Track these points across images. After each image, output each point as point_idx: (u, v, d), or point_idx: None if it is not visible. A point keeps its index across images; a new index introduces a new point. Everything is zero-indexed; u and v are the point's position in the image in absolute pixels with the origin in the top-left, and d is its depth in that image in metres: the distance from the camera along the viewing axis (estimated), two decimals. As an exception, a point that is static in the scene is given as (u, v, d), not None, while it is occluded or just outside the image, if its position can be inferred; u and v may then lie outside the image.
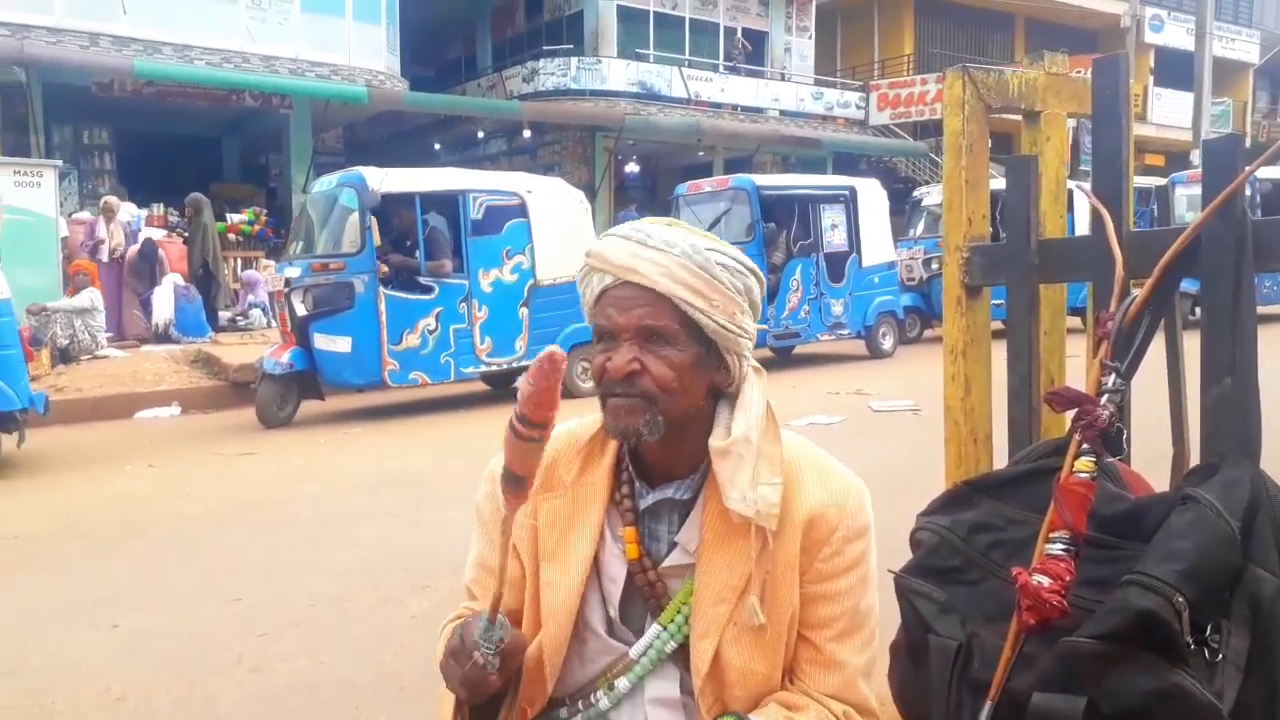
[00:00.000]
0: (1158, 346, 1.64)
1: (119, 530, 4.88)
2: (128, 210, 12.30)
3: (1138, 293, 1.57)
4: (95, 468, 6.45)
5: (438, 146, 21.61)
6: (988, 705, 1.40)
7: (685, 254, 1.26)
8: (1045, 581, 1.36)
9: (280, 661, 3.16)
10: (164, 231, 13.27)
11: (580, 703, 1.37)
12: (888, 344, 11.44)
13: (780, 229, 11.11)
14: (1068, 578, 1.37)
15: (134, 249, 11.68)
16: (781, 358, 11.35)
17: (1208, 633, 1.30)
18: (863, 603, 1.34)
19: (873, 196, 11.48)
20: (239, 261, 13.94)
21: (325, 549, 4.43)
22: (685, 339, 1.26)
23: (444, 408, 8.63)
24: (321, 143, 16.41)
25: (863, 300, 11.21)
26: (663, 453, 1.32)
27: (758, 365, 1.36)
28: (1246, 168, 1.50)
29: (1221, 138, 1.60)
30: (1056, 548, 1.40)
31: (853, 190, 11.31)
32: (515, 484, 1.19)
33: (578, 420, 1.45)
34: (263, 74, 14.99)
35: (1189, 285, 1.71)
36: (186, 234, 12.38)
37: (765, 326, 10.37)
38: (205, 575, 4.12)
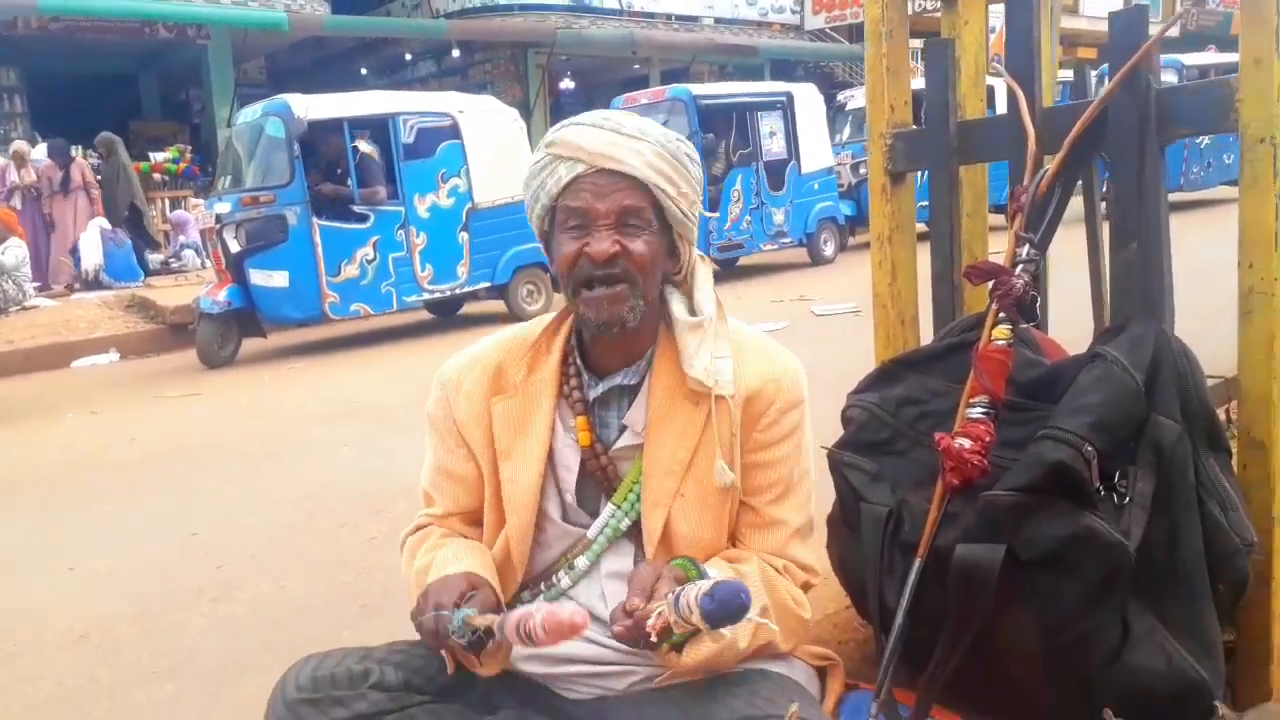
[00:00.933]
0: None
1: (66, 476, 4.84)
2: (41, 154, 11.83)
3: (1050, 167, 1.62)
4: (35, 418, 6.34)
5: (365, 72, 20.93)
6: (917, 563, 1.48)
7: (659, 142, 1.31)
8: (966, 444, 1.44)
9: (240, 591, 3.19)
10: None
11: (543, 584, 1.45)
12: (829, 250, 11.51)
13: (719, 139, 11.03)
14: (988, 439, 1.45)
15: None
16: (726, 270, 11.39)
17: (1116, 479, 1.38)
18: (797, 469, 1.42)
19: (809, 102, 11.43)
20: (166, 202, 13.53)
21: (278, 482, 4.44)
22: (656, 226, 1.32)
23: (389, 338, 8.57)
24: (244, 74, 15.83)
25: (803, 207, 11.23)
26: (612, 344, 1.38)
27: (700, 254, 1.42)
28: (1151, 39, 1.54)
29: (1129, 8, 1.64)
30: (976, 411, 1.47)
31: (789, 96, 11.24)
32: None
33: (520, 325, 1.50)
34: (176, 3, 14.35)
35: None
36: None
37: (709, 239, 10.38)
38: (158, 515, 4.11)
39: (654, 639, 1.16)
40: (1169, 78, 9.22)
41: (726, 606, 1.09)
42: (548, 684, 1.43)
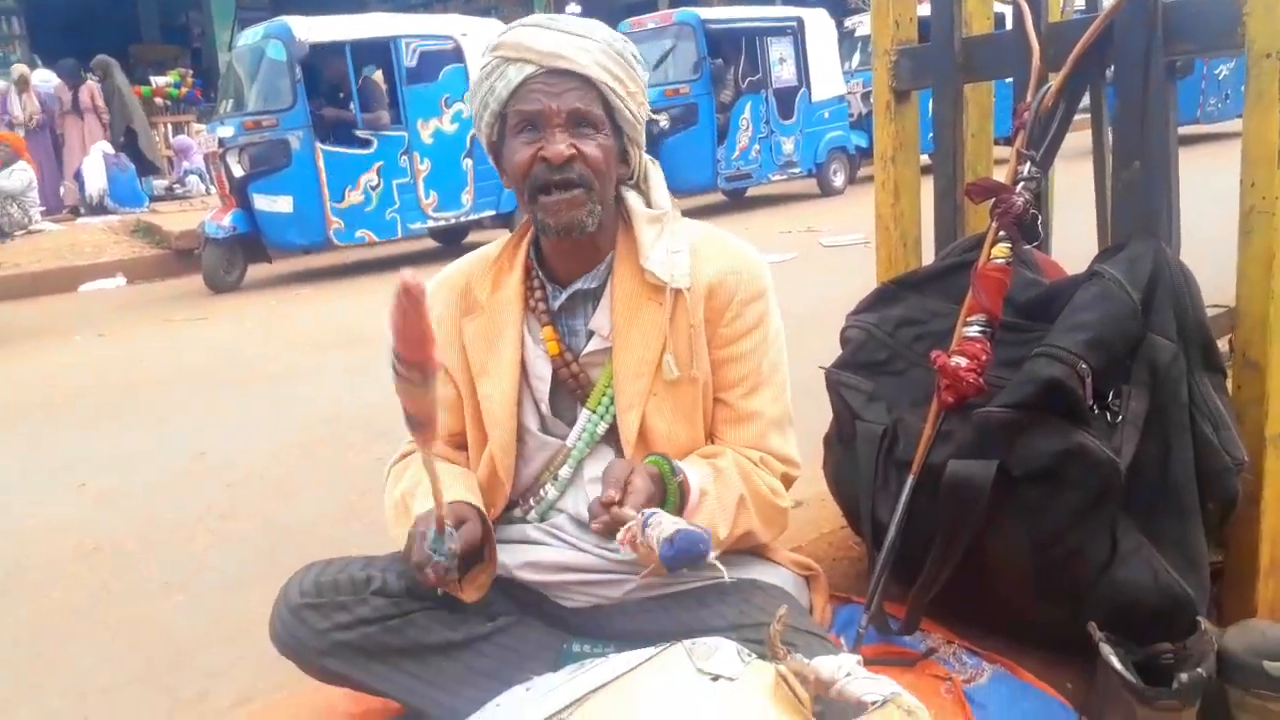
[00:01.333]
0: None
1: (75, 397, 4.88)
2: (41, 78, 11.70)
3: (1053, 83, 1.60)
4: (44, 340, 6.38)
5: (368, -5, 20.57)
6: (910, 479, 1.50)
7: (607, 41, 1.30)
8: (962, 362, 1.44)
9: (249, 507, 3.24)
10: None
11: (532, 499, 1.47)
12: (839, 181, 11.37)
13: (728, 65, 10.83)
14: (984, 357, 1.45)
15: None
16: (734, 200, 11.29)
17: (1110, 398, 1.39)
18: (766, 360, 1.42)
19: (820, 27, 11.18)
20: (169, 128, 13.42)
21: (284, 405, 4.47)
22: (608, 129, 1.32)
23: (393, 266, 8.43)
24: (244, -4, 15.57)
25: (813, 137, 11.07)
26: (571, 250, 1.39)
27: (650, 158, 1.43)
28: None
29: (1139, -77, 1.59)
30: (973, 330, 1.47)
31: (800, 21, 10.99)
32: (416, 426, 1.15)
33: (483, 247, 1.51)
34: (173, -78, 14.06)
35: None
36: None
37: (717, 168, 10.28)
38: (167, 435, 4.16)
39: (622, 549, 1.17)
40: None
41: (684, 554, 1.10)
42: (545, 592, 1.47)
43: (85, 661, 2.32)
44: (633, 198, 1.40)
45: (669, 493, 1.30)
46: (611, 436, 1.42)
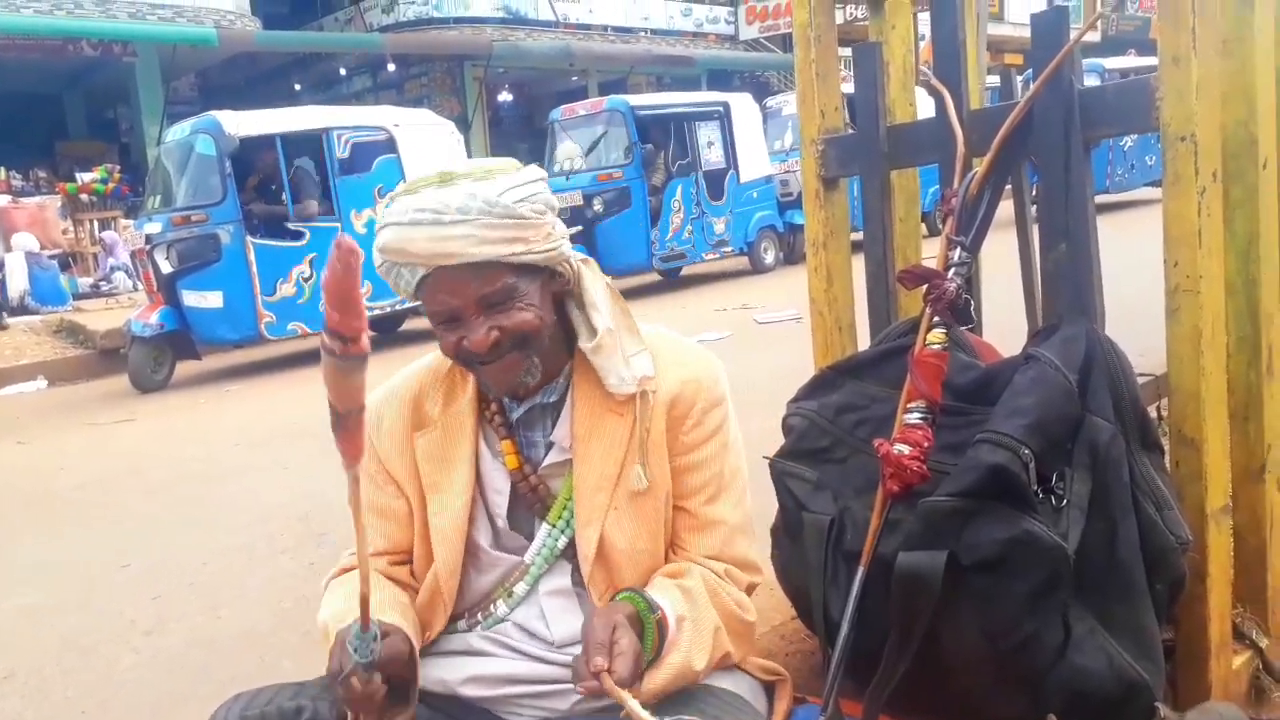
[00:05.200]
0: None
1: (-9, 510, 4.66)
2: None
3: (979, 169, 1.63)
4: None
5: (299, 88, 20.66)
6: (860, 571, 1.47)
7: (485, 211, 1.21)
8: (905, 450, 1.43)
9: (176, 622, 3.09)
10: (7, 197, 12.44)
11: (480, 614, 1.41)
12: (769, 258, 11.60)
13: (658, 150, 11.06)
14: (926, 444, 1.44)
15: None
16: (669, 280, 11.41)
17: (1053, 481, 1.38)
18: (728, 466, 1.39)
19: (746, 111, 11.52)
20: (95, 224, 13.17)
21: (216, 508, 4.32)
22: (524, 281, 1.26)
23: (329, 357, 8.40)
24: (174, 92, 15.53)
25: (743, 216, 11.31)
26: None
27: (583, 256, 1.37)
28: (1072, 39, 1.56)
29: (1049, 9, 1.65)
30: (914, 417, 1.46)
31: (726, 106, 11.31)
32: (341, 423, 1.05)
33: (429, 356, 1.46)
34: (99, 20, 14.02)
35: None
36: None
37: (651, 249, 10.40)
38: (89, 546, 3.98)
39: None
40: (1092, 81, 9.43)
41: None
42: (489, 707, 1.39)
43: (-7, 804, 2.16)
44: (578, 322, 1.34)
45: (646, 631, 1.26)
46: (570, 550, 1.37)
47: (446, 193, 1.22)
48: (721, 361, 1.42)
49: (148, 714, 2.48)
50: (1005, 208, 1.90)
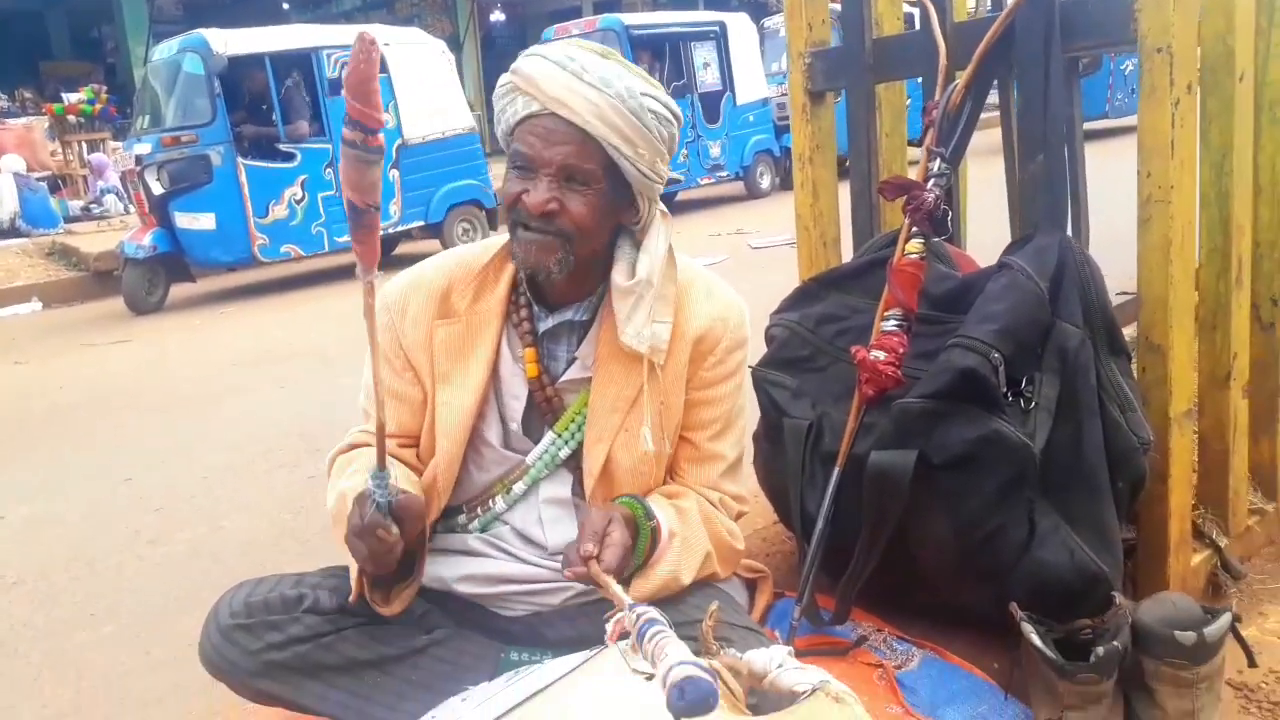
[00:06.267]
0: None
1: (-8, 427, 4.72)
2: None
3: (960, 81, 1.65)
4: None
5: (287, 6, 20.25)
6: (836, 472, 1.53)
7: (620, 96, 1.24)
8: (881, 355, 1.48)
9: (179, 532, 3.16)
10: (-7, 117, 12.28)
11: (479, 508, 1.46)
12: (765, 183, 11.49)
13: (653, 71, 10.88)
14: (901, 350, 1.49)
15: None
16: (665, 204, 11.33)
17: (1022, 384, 1.44)
18: (735, 405, 1.46)
19: (743, 31, 11.30)
20: (83, 145, 13.02)
21: (213, 425, 4.38)
22: (607, 182, 1.28)
23: (321, 281, 8.40)
24: (158, 10, 15.23)
25: (739, 140, 11.17)
26: (563, 281, 1.35)
27: (664, 209, 1.38)
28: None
29: (1034, -76, 1.65)
30: (890, 324, 1.51)
31: (722, 26, 11.10)
32: (359, 221, 1.10)
33: (466, 247, 1.47)
34: (80, -66, 13.67)
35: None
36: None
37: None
38: (91, 461, 4.05)
39: (608, 641, 1.13)
40: None
41: (693, 708, 1.09)
42: (483, 604, 1.46)
43: (7, 698, 2.25)
44: (621, 256, 1.35)
45: (640, 535, 1.31)
46: (572, 461, 1.42)
47: (601, 62, 1.26)
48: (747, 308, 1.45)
49: (155, 616, 2.57)
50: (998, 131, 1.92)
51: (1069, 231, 1.63)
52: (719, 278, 1.47)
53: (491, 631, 1.46)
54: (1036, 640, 1.37)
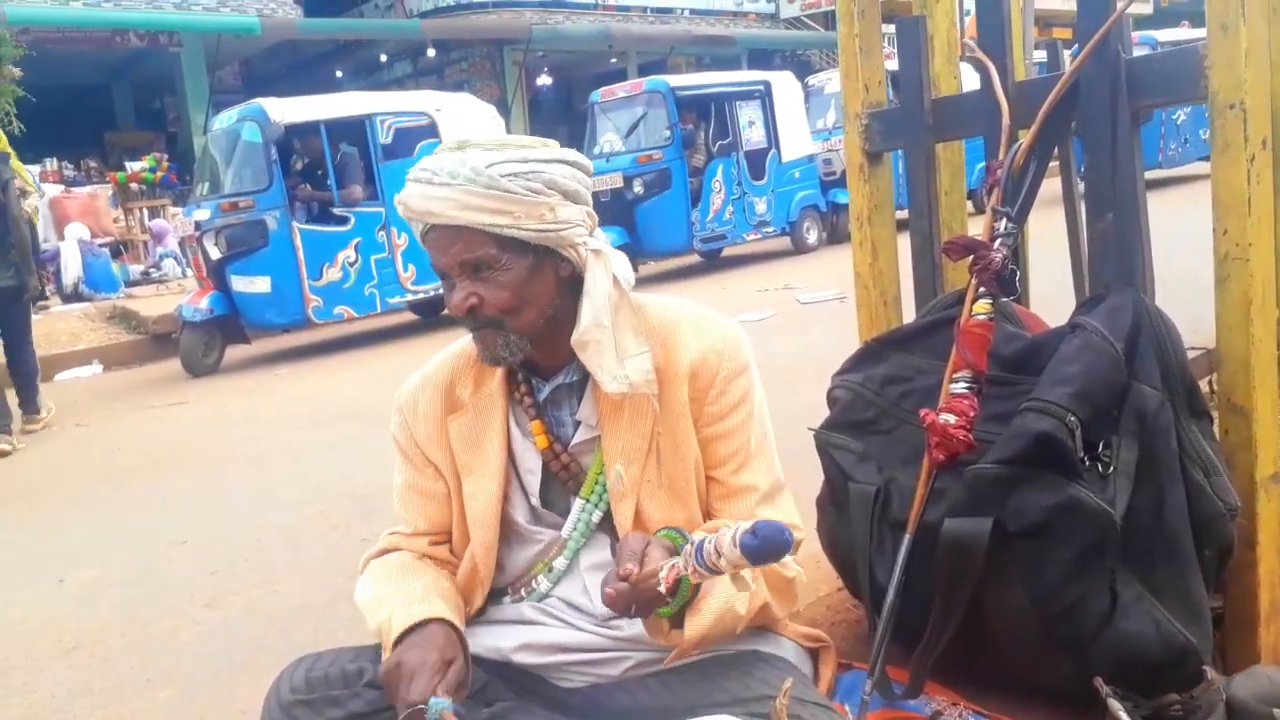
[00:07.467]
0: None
1: (53, 489, 4.80)
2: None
3: (1024, 140, 1.63)
4: (20, 430, 6.29)
5: (340, 75, 20.86)
6: (906, 539, 1.49)
7: (469, 179, 1.25)
8: (951, 419, 1.44)
9: (234, 595, 3.17)
10: (60, 187, 12.72)
11: (523, 589, 1.45)
12: (812, 238, 11.51)
13: (698, 130, 11.02)
14: (972, 413, 1.45)
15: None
16: (710, 261, 11.39)
17: (1100, 449, 1.39)
18: (755, 433, 1.40)
19: (787, 90, 11.42)
20: (144, 212, 13.43)
21: (268, 486, 4.42)
22: (509, 256, 1.28)
23: (373, 341, 8.53)
24: (218, 81, 15.78)
25: (785, 196, 11.22)
26: (542, 351, 1.37)
27: (599, 247, 1.35)
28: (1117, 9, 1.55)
29: (1096, -19, 1.64)
30: (960, 386, 1.47)
31: (767, 85, 11.23)
32: None
33: (463, 339, 1.48)
34: (146, 11, 14.26)
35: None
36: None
37: (692, 231, 10.39)
38: (148, 523, 4.09)
39: (664, 590, 1.13)
40: (1143, 53, 9.21)
41: (770, 542, 1.01)
42: (542, 674, 1.43)
43: (68, 765, 2.25)
44: (580, 314, 1.33)
45: None
46: (607, 524, 1.40)
47: (449, 157, 1.29)
48: (745, 330, 1.42)
49: (211, 681, 2.56)
50: (1055, 185, 1.90)
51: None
52: (709, 310, 1.43)
53: (552, 704, 1.43)
54: (1125, 716, 1.31)
